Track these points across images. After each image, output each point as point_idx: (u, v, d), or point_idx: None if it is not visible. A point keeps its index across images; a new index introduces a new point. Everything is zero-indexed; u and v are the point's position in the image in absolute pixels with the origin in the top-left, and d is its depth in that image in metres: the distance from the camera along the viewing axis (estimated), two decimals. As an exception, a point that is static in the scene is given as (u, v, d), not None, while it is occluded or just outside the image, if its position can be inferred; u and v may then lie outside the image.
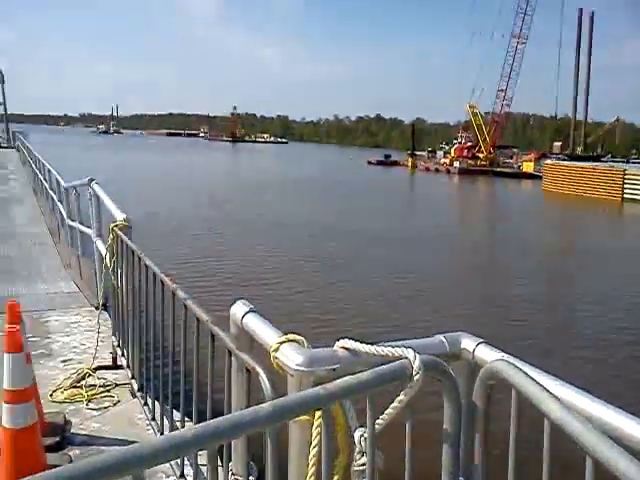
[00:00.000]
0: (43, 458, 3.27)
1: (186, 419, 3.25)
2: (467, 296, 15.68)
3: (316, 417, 1.56)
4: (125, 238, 4.21)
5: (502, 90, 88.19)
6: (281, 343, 1.74)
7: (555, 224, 35.10)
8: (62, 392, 4.31)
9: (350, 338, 1.72)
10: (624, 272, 19.60)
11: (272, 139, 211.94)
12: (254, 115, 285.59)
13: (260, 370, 1.96)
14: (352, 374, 1.44)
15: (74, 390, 4.34)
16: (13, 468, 3.14)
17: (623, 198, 50.90)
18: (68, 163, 28.47)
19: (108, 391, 4.37)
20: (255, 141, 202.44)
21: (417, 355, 1.52)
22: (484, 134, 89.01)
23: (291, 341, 1.74)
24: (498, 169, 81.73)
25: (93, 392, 4.32)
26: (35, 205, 15.47)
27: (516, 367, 1.52)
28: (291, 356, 1.66)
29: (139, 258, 3.75)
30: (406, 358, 1.53)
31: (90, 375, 4.56)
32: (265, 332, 1.95)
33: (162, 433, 3.47)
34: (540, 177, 65.00)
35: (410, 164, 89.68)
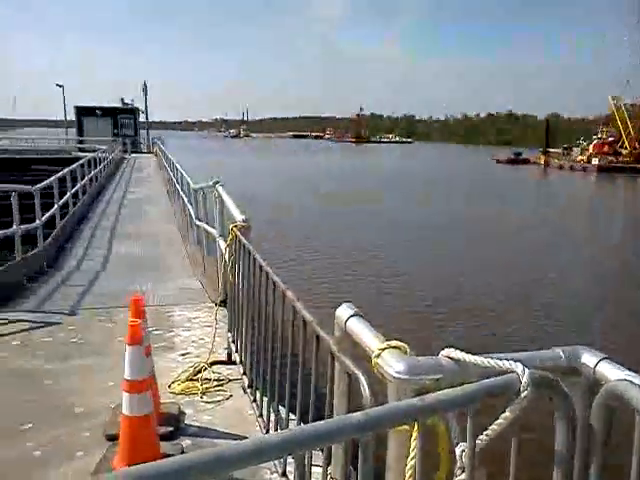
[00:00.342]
0: (157, 446, 3.41)
1: (292, 416, 3.26)
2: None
3: (415, 429, 1.50)
4: (242, 238, 4.32)
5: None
6: (383, 349, 1.68)
7: None
8: (179, 384, 4.48)
9: (456, 347, 1.64)
10: None
11: (397, 139, 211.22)
12: (380, 116, 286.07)
13: (360, 375, 1.92)
14: (455, 385, 1.39)
15: (190, 383, 4.50)
16: (129, 453, 3.30)
17: None
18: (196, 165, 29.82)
19: (221, 386, 4.49)
20: (380, 141, 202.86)
21: (526, 369, 1.43)
22: (629, 128, 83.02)
23: (393, 347, 1.68)
24: (644, 166, 75.58)
25: (207, 386, 4.45)
26: (168, 206, 16.40)
27: None
28: (392, 363, 1.60)
29: (254, 258, 3.84)
30: (514, 372, 1.44)
31: (206, 369, 4.71)
32: (367, 337, 1.90)
33: (267, 430, 3.52)
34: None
35: (542, 162, 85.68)
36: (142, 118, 51.91)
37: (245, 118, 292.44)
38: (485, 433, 1.53)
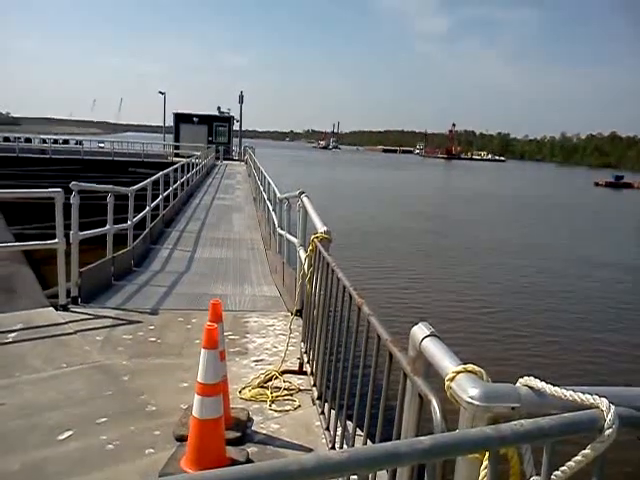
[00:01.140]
0: (223, 450, 3.44)
1: (359, 432, 3.20)
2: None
3: (485, 457, 1.42)
4: (322, 249, 4.32)
5: None
6: (458, 372, 1.59)
7: None
8: (250, 390, 4.50)
9: (535, 376, 1.54)
10: None
11: (489, 157, 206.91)
12: (473, 132, 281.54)
13: (433, 398, 1.85)
14: (533, 417, 1.33)
15: (260, 390, 4.51)
16: (196, 455, 3.35)
17: None
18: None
19: (291, 395, 4.47)
20: (471, 158, 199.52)
21: (612, 406, 1.34)
22: None
23: (469, 372, 1.59)
24: None
25: (277, 394, 4.45)
26: (254, 213, 16.73)
27: None
28: (466, 388, 1.51)
29: (332, 270, 3.82)
30: (598, 407, 1.35)
31: (277, 377, 4.72)
32: (442, 359, 1.80)
33: (333, 444, 3.47)
34: None
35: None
36: (236, 127, 53.56)
37: (335, 130, 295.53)
38: (561, 469, 1.44)
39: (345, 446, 3.34)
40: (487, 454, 1.40)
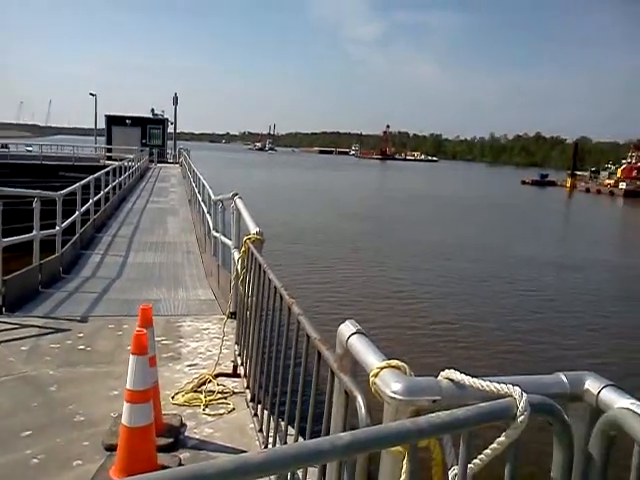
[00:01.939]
0: (154, 457, 3.38)
1: (292, 431, 3.22)
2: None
3: (408, 451, 1.44)
4: (255, 250, 4.31)
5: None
6: (382, 368, 1.62)
7: None
8: (183, 395, 4.45)
9: (456, 369, 1.57)
10: None
11: (422, 157, 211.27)
12: (406, 133, 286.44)
13: (358, 394, 1.87)
14: (455, 407, 1.36)
15: (194, 394, 4.47)
16: (126, 464, 3.28)
17: None
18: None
19: (225, 398, 4.45)
20: (405, 159, 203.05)
21: (524, 394, 1.40)
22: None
23: (393, 367, 1.61)
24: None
25: (211, 398, 4.42)
26: (188, 216, 16.51)
27: None
28: (389, 383, 1.53)
29: (264, 271, 3.82)
30: (511, 396, 1.41)
31: (210, 381, 4.68)
32: (367, 355, 1.82)
33: (266, 445, 3.47)
34: None
35: (569, 184, 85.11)
36: (171, 129, 52.65)
37: (272, 132, 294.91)
38: (479, 457, 1.49)
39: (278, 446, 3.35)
40: (408, 448, 1.43)
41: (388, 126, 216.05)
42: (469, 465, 1.49)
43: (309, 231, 26.96)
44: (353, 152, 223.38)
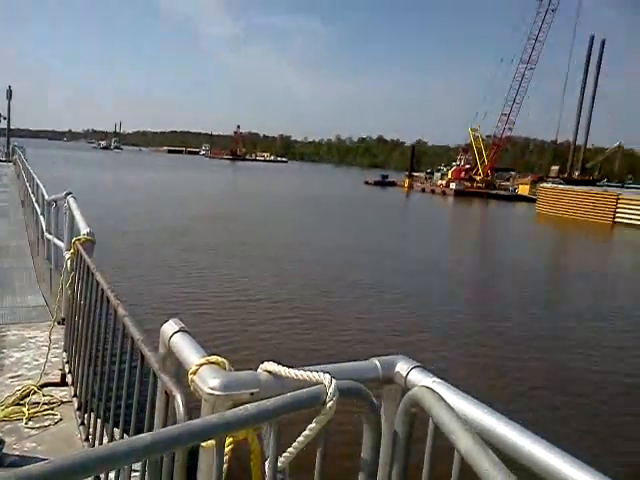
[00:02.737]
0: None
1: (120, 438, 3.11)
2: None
3: (226, 444, 1.46)
4: (83, 252, 4.12)
5: (505, 114, 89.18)
6: (200, 365, 1.61)
7: (533, 245, 36.05)
8: (2, 410, 4.14)
9: (274, 361, 1.61)
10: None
11: (272, 158, 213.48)
12: (257, 134, 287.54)
13: (177, 394, 1.84)
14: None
15: (15, 408, 4.17)
16: None
17: (614, 222, 52.15)
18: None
19: (52, 409, 4.20)
20: (255, 159, 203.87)
21: (333, 380, 1.45)
22: (483, 157, 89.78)
23: (212, 363, 1.62)
24: (494, 191, 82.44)
25: (35, 410, 4.15)
26: (21, 218, 15.36)
27: (436, 394, 1.42)
28: (207, 379, 1.53)
29: (92, 273, 3.66)
30: (322, 383, 1.46)
31: (35, 392, 4.40)
32: (189, 353, 1.80)
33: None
34: (535, 200, 65.74)
35: (406, 185, 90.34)
36: (3, 124, 48.68)
37: (118, 130, 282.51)
38: (293, 446, 1.53)
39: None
40: (227, 441, 1.45)
41: (239, 126, 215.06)
42: (284, 454, 1.53)
43: (147, 231, 26.15)
44: (203, 152, 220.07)
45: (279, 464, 1.52)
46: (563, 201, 59.23)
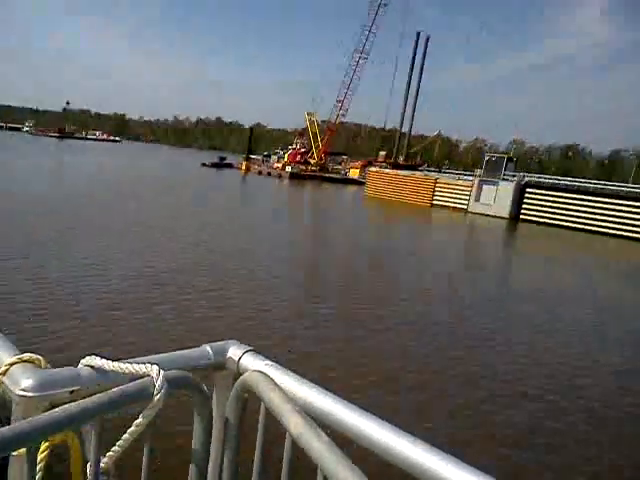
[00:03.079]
0: None
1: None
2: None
3: (41, 450, 1.32)
4: None
5: (340, 101, 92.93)
6: (11, 364, 1.41)
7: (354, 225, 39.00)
8: None
9: (98, 355, 1.48)
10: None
11: (104, 137, 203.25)
12: (88, 112, 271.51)
13: None
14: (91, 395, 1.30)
15: None
16: None
17: (432, 204, 57.32)
18: None
19: None
20: (86, 138, 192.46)
21: (161, 371, 1.39)
22: (318, 141, 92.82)
23: (25, 361, 1.43)
24: (327, 174, 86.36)
25: None
26: None
27: (268, 377, 1.43)
28: (19, 379, 1.35)
29: None
30: (149, 375, 1.39)
31: None
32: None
33: None
34: (364, 183, 70.00)
35: (244, 167, 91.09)
36: None
37: None
38: (117, 444, 1.46)
39: None
40: (42, 447, 1.33)
41: (68, 102, 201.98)
42: (108, 453, 1.48)
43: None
44: (27, 129, 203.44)
45: (102, 465, 1.44)
46: (389, 184, 63.52)
